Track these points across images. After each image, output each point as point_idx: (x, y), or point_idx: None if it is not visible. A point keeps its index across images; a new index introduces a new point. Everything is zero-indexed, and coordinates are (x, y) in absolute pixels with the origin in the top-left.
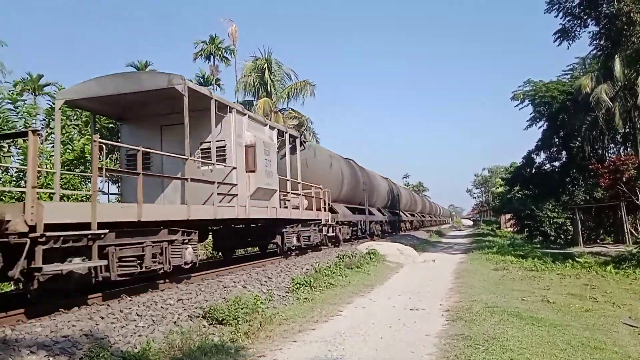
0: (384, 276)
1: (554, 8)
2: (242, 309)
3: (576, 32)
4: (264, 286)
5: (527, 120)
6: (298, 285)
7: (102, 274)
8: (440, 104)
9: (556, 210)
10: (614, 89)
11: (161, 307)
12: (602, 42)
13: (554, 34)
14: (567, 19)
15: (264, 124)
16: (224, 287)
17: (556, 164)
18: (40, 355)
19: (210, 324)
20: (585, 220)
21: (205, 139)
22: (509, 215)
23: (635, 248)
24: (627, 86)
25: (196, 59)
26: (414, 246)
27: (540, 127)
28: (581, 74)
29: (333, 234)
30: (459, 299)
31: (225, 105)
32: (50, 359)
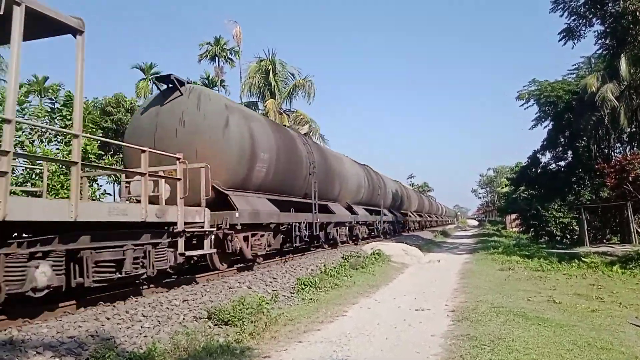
0: (389, 277)
1: (559, 7)
2: (247, 309)
3: (581, 32)
4: (269, 287)
5: (533, 120)
6: (303, 285)
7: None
8: (441, 104)
9: (562, 210)
10: (620, 88)
11: (167, 308)
12: (608, 41)
13: (559, 33)
14: (572, 18)
15: None
16: (229, 288)
17: (562, 163)
18: (47, 356)
19: (215, 325)
20: (591, 220)
21: None
22: (514, 215)
23: None
24: (633, 85)
25: (201, 60)
26: (419, 246)
27: (545, 127)
28: (587, 73)
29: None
30: (464, 299)
31: None
32: (57, 359)
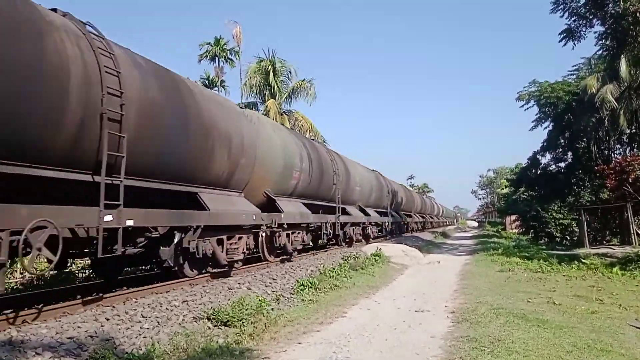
0: (388, 278)
1: (559, 8)
2: (247, 310)
3: (582, 32)
4: (269, 287)
5: (533, 121)
6: (302, 286)
7: None
8: (442, 106)
9: (562, 211)
10: (620, 89)
11: (166, 309)
12: (608, 42)
13: (560, 34)
14: (573, 19)
15: None
16: (229, 289)
17: (562, 164)
18: (46, 357)
19: (215, 326)
20: (591, 222)
21: None
22: (514, 217)
23: None
24: (633, 86)
25: (201, 60)
26: (419, 247)
27: (545, 128)
28: (587, 74)
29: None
30: (464, 300)
31: None
32: None
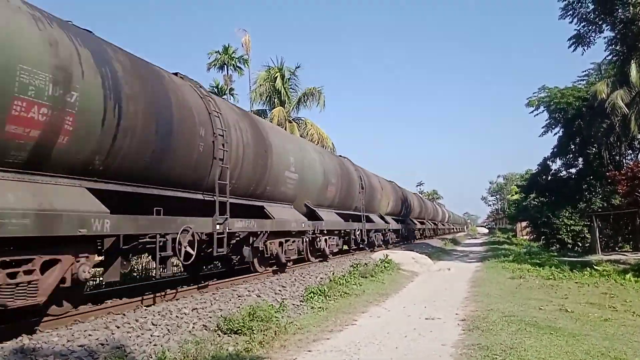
0: (398, 285)
1: (569, 14)
2: (257, 318)
3: (591, 38)
4: (278, 295)
5: (543, 127)
6: (312, 294)
7: None
8: (452, 112)
9: (573, 217)
10: (630, 94)
11: (176, 317)
12: (618, 48)
13: (569, 39)
14: (582, 24)
15: None
16: (239, 296)
17: (572, 170)
18: None
19: (224, 333)
20: (603, 228)
21: None
22: (525, 223)
23: None
24: None
25: (210, 69)
26: (429, 254)
27: (555, 134)
28: (597, 79)
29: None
30: (475, 308)
31: None
32: None
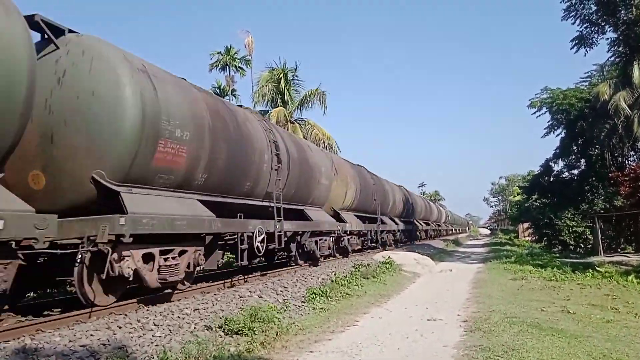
0: (400, 286)
1: (571, 15)
2: (258, 318)
3: (594, 39)
4: (280, 296)
5: (545, 128)
6: (314, 295)
7: None
8: (453, 113)
9: (575, 218)
10: (633, 95)
11: (178, 317)
12: (621, 49)
13: (571, 40)
14: (585, 25)
15: None
16: (240, 297)
17: (575, 172)
18: None
19: (226, 334)
20: (605, 229)
21: None
22: (527, 224)
23: None
24: None
25: (212, 69)
26: (431, 255)
27: (558, 135)
28: (599, 81)
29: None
30: (477, 309)
31: None
32: None
